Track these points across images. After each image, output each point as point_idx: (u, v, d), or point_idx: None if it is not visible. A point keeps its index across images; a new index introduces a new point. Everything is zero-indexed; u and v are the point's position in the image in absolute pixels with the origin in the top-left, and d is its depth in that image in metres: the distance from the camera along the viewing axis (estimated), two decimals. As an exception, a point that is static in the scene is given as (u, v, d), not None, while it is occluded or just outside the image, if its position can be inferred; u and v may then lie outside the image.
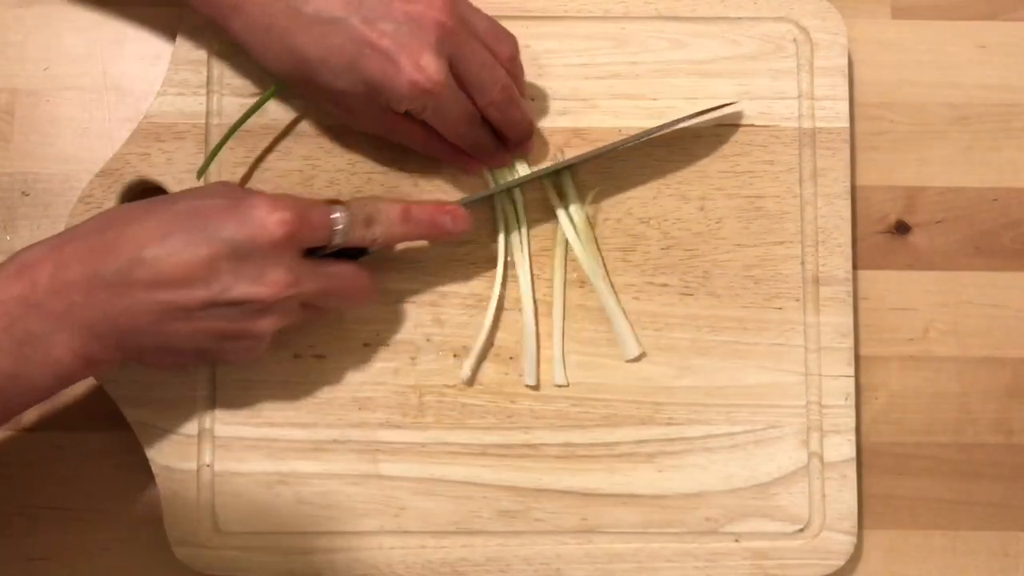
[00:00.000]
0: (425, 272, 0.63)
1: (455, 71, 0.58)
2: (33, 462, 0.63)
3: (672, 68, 0.64)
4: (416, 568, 0.61)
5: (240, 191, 0.56)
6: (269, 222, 0.53)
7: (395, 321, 0.62)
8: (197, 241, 0.53)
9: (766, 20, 0.64)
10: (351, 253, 0.58)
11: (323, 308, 0.59)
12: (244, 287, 0.53)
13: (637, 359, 0.62)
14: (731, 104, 0.63)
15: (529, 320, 0.62)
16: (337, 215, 0.56)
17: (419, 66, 0.56)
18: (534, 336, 0.62)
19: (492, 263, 0.63)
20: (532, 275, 0.63)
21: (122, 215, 0.55)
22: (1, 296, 0.52)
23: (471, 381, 0.62)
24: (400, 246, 0.62)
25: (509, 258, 0.63)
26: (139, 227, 0.53)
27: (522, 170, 0.63)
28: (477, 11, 0.60)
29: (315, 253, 0.57)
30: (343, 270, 0.58)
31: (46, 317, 0.52)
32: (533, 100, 0.64)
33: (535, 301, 0.62)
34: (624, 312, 0.62)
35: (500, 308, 0.62)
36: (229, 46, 0.63)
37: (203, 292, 0.53)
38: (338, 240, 0.56)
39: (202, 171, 0.62)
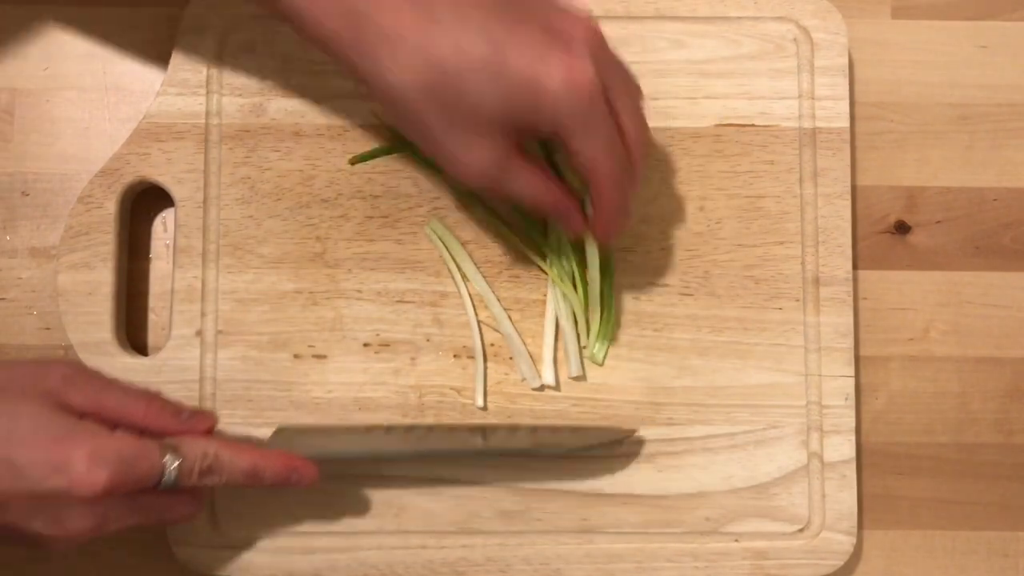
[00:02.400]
0: (425, 272, 0.63)
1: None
2: (33, 462, 0.63)
3: (672, 68, 0.64)
4: (416, 568, 0.61)
5: (62, 419, 0.50)
6: (85, 479, 0.49)
7: (395, 321, 0.62)
8: None
9: (766, 20, 0.64)
10: None
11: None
12: (38, 526, 0.50)
13: (579, 378, 0.62)
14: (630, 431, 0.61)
15: (509, 329, 0.62)
16: (169, 462, 0.52)
17: (572, 65, 0.50)
18: (517, 337, 0.62)
19: (492, 263, 0.63)
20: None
21: None
22: None
23: (485, 405, 0.62)
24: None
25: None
26: None
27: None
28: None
29: None
30: (164, 504, 0.54)
31: None
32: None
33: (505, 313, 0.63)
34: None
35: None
36: (229, 46, 0.63)
37: None
38: (165, 487, 0.52)
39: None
